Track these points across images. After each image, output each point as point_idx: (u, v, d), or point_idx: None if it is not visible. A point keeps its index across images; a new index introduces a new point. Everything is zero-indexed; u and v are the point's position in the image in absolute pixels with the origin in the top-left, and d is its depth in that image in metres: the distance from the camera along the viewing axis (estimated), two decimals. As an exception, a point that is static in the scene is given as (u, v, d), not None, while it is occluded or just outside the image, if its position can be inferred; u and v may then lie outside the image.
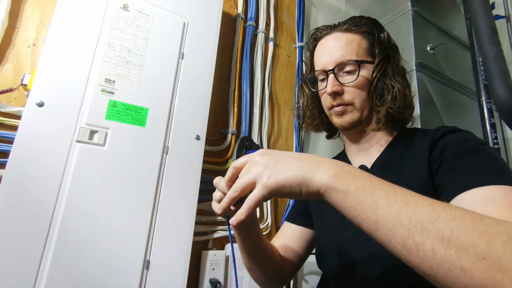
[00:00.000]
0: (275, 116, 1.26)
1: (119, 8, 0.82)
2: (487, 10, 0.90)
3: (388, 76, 0.62)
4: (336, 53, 0.63)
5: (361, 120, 0.63)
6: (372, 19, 0.67)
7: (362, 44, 0.64)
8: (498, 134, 1.11)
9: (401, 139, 0.64)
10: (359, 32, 0.64)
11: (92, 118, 0.73)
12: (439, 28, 1.31)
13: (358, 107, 0.63)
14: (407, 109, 0.63)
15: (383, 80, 0.62)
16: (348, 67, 0.62)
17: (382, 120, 0.61)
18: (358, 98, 0.62)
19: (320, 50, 0.67)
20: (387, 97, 0.61)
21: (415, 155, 0.58)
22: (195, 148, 0.87)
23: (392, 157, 0.62)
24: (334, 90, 0.62)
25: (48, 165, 0.67)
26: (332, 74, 0.63)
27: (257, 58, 1.21)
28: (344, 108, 0.63)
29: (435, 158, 0.54)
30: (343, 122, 0.64)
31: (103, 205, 0.71)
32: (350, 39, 0.64)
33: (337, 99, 0.63)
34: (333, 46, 0.64)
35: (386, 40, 0.65)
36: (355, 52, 0.62)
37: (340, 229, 0.61)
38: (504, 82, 0.81)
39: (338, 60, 0.62)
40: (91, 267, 0.67)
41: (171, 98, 0.85)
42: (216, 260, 0.94)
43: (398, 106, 0.61)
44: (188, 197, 0.83)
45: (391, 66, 0.64)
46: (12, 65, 0.78)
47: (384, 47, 0.64)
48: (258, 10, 1.27)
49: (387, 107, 0.61)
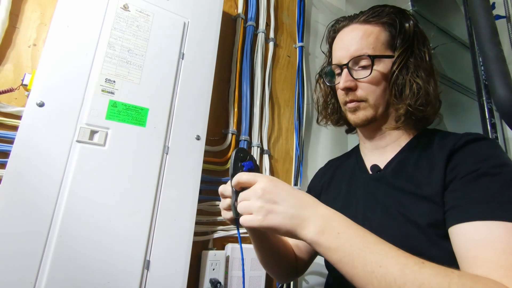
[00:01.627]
0: (275, 116, 1.26)
1: (119, 8, 0.82)
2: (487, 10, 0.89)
3: (410, 70, 0.58)
4: (351, 47, 0.60)
5: (376, 118, 0.60)
6: (396, 8, 0.62)
7: (380, 36, 0.59)
8: (498, 134, 1.11)
9: (420, 141, 0.60)
10: (379, 23, 0.60)
11: (93, 118, 0.73)
12: (440, 28, 1.31)
13: (372, 104, 0.59)
14: (429, 106, 0.58)
15: (403, 76, 0.58)
16: (363, 61, 0.59)
17: (402, 118, 0.58)
18: (372, 94, 0.59)
19: (337, 43, 0.64)
20: (406, 94, 0.57)
21: (431, 161, 0.54)
22: (195, 148, 0.87)
23: (407, 160, 0.58)
24: (346, 85, 0.59)
25: (48, 165, 0.67)
26: (346, 68, 0.60)
27: (257, 58, 1.21)
28: (357, 104, 0.60)
29: (450, 171, 0.50)
30: (356, 119, 0.61)
31: (104, 205, 0.71)
32: (367, 31, 0.60)
33: (350, 94, 0.60)
34: (349, 39, 0.61)
35: (411, 30, 0.60)
36: (371, 46, 0.58)
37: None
38: (505, 82, 0.81)
39: (353, 54, 0.59)
40: (91, 267, 0.67)
41: (172, 98, 0.85)
42: (216, 260, 0.94)
43: (419, 104, 0.56)
44: (188, 197, 0.83)
45: (415, 60, 0.58)
46: (12, 65, 0.78)
47: (407, 39, 0.59)
48: (258, 10, 1.27)
49: (406, 104, 0.57)
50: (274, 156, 1.21)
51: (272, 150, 1.21)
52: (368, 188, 0.61)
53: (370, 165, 0.64)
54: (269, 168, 1.16)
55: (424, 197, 0.51)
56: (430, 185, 0.51)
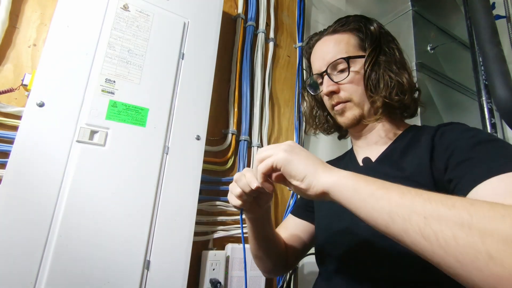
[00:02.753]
0: (275, 116, 1.26)
1: (119, 8, 0.82)
2: (487, 10, 0.90)
3: (381, 66, 0.62)
4: (327, 55, 0.65)
5: (363, 115, 0.63)
6: (358, 16, 0.68)
7: (350, 41, 0.65)
8: (498, 134, 1.11)
9: (407, 135, 0.63)
10: (346, 30, 0.65)
11: (93, 118, 0.73)
12: (440, 28, 1.31)
13: (357, 102, 0.63)
14: (406, 95, 0.61)
15: (376, 72, 0.62)
16: (339, 66, 0.63)
17: (379, 110, 0.61)
18: (355, 93, 0.63)
19: (314, 56, 0.70)
20: (380, 87, 0.61)
21: (417, 149, 0.57)
22: (195, 148, 0.87)
23: (395, 151, 0.61)
24: (329, 90, 0.64)
25: (49, 165, 0.67)
26: (326, 75, 0.64)
27: (257, 58, 1.21)
28: (343, 106, 0.64)
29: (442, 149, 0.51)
30: (345, 120, 0.64)
31: (104, 205, 0.71)
32: (337, 39, 0.65)
33: (335, 98, 0.64)
34: (324, 50, 0.66)
35: (376, 31, 0.65)
36: (343, 51, 0.63)
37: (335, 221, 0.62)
38: (505, 82, 0.81)
39: (329, 61, 0.64)
40: (91, 267, 0.67)
41: (171, 98, 0.85)
42: (217, 260, 0.94)
43: (394, 94, 0.60)
44: (188, 197, 0.83)
45: (384, 56, 0.63)
46: (12, 65, 0.78)
47: (374, 39, 0.64)
48: (258, 10, 1.27)
49: (382, 97, 0.60)
50: (274, 156, 1.21)
51: (272, 150, 1.21)
52: None
53: (362, 158, 0.66)
54: (269, 168, 1.16)
55: (407, 177, 0.53)
56: (415, 168, 0.54)
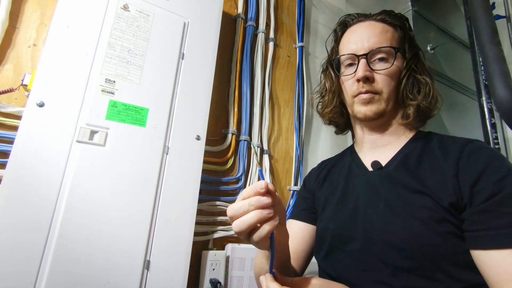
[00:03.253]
0: (275, 116, 1.26)
1: (119, 8, 0.82)
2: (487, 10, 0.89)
3: (418, 72, 0.62)
4: (370, 39, 0.61)
5: (385, 112, 0.61)
6: (403, 16, 0.67)
7: (395, 36, 0.63)
8: (498, 134, 1.11)
9: (419, 141, 0.61)
10: (393, 24, 0.64)
11: (93, 118, 0.73)
12: (440, 28, 1.31)
13: (385, 98, 0.60)
14: (435, 107, 0.61)
15: (414, 75, 0.61)
16: (382, 54, 0.60)
17: (411, 116, 0.60)
18: (388, 87, 0.60)
19: (351, 36, 0.65)
20: (418, 92, 0.60)
21: (433, 160, 0.55)
22: (195, 148, 0.87)
23: (409, 158, 0.58)
24: (366, 74, 0.59)
25: (49, 166, 0.67)
26: (365, 59, 0.60)
27: (257, 58, 1.21)
28: (371, 96, 0.60)
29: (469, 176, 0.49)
30: (368, 111, 0.61)
31: (103, 205, 0.71)
32: (385, 28, 0.63)
33: (366, 85, 0.60)
34: (366, 32, 0.62)
35: (413, 36, 0.65)
36: (389, 42, 0.61)
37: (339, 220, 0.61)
38: (505, 82, 0.81)
39: (372, 46, 0.60)
40: (91, 267, 0.67)
41: (171, 98, 0.85)
42: (217, 260, 0.94)
43: (428, 103, 0.60)
44: (188, 197, 0.83)
45: (421, 64, 0.63)
46: (12, 65, 0.78)
47: (414, 44, 0.64)
48: (258, 10, 1.27)
49: (418, 103, 0.59)
50: (274, 156, 1.21)
51: (272, 150, 1.21)
52: (370, 184, 0.60)
53: (368, 162, 0.64)
54: (269, 168, 1.16)
55: (429, 195, 0.51)
56: (440, 188, 0.51)
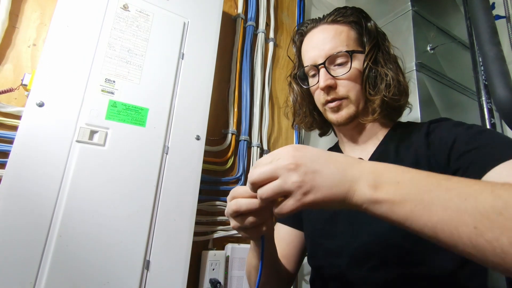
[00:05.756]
0: (275, 116, 1.26)
1: (119, 8, 0.82)
2: (487, 10, 0.90)
3: (380, 64, 0.60)
4: (325, 46, 0.60)
5: (358, 114, 0.61)
6: (357, 8, 0.65)
7: (350, 34, 0.61)
8: (498, 134, 1.11)
9: (396, 132, 0.62)
10: (346, 22, 0.62)
11: (92, 118, 0.73)
12: (439, 28, 1.31)
13: (354, 100, 0.60)
14: (402, 95, 0.60)
15: (375, 69, 0.59)
16: (339, 59, 0.59)
17: (377, 110, 0.58)
18: (353, 90, 0.59)
19: (308, 45, 0.64)
20: (380, 86, 0.58)
21: (410, 145, 0.57)
22: (195, 148, 0.87)
23: (387, 152, 0.59)
24: (327, 84, 0.59)
25: (48, 165, 0.67)
26: (324, 67, 0.60)
27: (257, 58, 1.21)
28: (339, 103, 0.60)
29: (440, 143, 0.51)
30: (339, 118, 0.61)
31: (103, 205, 0.71)
32: (338, 30, 0.61)
33: (331, 93, 0.60)
34: (321, 39, 0.61)
35: (373, 28, 0.63)
36: (344, 43, 0.60)
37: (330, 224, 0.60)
38: (504, 82, 0.81)
39: (328, 53, 0.59)
40: (91, 267, 0.67)
41: (171, 98, 0.85)
42: (216, 260, 0.94)
43: (393, 94, 0.58)
44: (188, 197, 0.83)
45: (382, 54, 0.61)
46: (12, 65, 0.78)
47: (373, 36, 0.62)
48: (258, 10, 1.27)
49: (381, 96, 0.58)
50: (274, 156, 1.21)
51: (272, 150, 1.21)
52: None
53: None
54: (269, 168, 1.15)
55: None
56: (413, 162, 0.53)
